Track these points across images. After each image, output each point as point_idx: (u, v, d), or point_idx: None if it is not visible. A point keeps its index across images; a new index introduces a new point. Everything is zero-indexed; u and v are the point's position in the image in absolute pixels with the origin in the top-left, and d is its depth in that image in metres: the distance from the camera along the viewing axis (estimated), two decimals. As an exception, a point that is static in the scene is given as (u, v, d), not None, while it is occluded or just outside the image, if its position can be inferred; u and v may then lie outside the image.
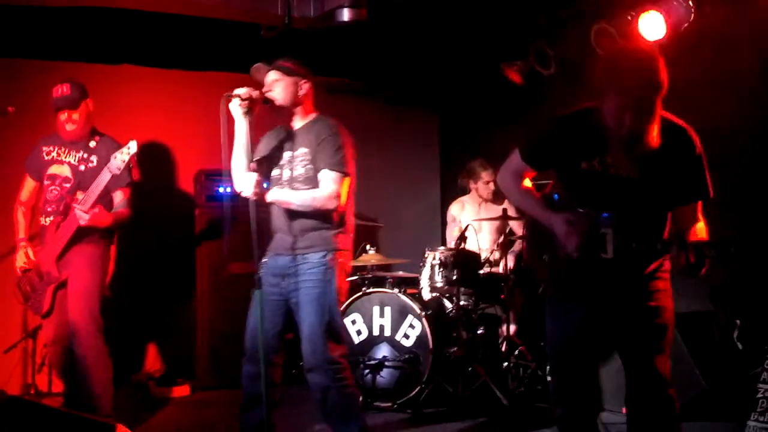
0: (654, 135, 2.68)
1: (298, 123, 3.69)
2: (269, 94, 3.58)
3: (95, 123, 4.51)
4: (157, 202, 5.69)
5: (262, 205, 3.58)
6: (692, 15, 4.36)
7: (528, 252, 3.17)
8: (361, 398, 4.61)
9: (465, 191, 5.98)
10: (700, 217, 2.87)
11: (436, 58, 6.24)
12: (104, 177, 4.03)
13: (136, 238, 5.49)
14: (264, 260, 3.74)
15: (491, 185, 5.74)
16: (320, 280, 3.54)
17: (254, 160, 3.64)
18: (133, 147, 3.99)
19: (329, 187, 3.51)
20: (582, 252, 2.75)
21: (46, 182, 4.34)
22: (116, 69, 5.82)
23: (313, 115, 3.71)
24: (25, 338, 5.32)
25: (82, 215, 4.03)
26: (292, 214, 3.58)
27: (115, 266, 4.46)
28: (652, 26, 4.49)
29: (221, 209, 5.59)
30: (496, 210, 5.61)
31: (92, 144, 4.34)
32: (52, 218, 4.28)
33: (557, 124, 2.93)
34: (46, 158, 4.37)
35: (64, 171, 4.32)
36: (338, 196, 3.52)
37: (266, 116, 3.68)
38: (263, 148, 3.80)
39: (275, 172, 3.70)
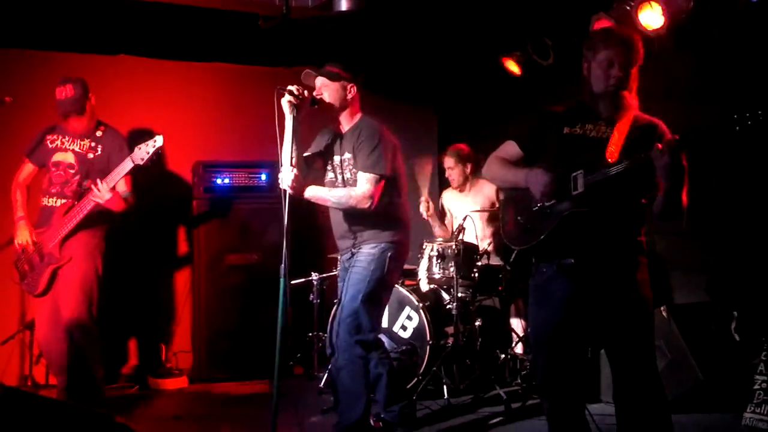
0: (630, 102, 2.90)
1: (345, 125, 3.88)
2: (318, 96, 3.76)
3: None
4: (155, 193, 5.67)
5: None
6: (691, 5, 4.34)
7: (502, 221, 3.20)
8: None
9: None
10: None
11: (434, 53, 6.22)
12: (126, 165, 4.27)
13: (134, 229, 5.49)
14: (339, 257, 4.11)
15: (448, 172, 5.65)
16: (364, 268, 3.76)
17: (304, 155, 3.84)
18: (159, 141, 4.19)
19: (363, 187, 3.71)
20: (553, 195, 2.86)
21: (51, 168, 4.49)
22: (113, 59, 5.81)
23: (357, 118, 3.88)
24: (22, 330, 5.32)
25: (104, 194, 4.24)
26: (347, 218, 3.82)
27: (110, 253, 4.58)
28: (650, 17, 4.48)
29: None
30: (482, 194, 5.54)
31: (98, 134, 4.54)
32: (57, 199, 4.42)
33: (546, 110, 3.08)
34: (50, 146, 4.52)
35: (68, 158, 4.49)
36: (372, 196, 3.70)
37: (316, 116, 3.84)
38: (315, 147, 3.98)
39: (330, 176, 3.91)
